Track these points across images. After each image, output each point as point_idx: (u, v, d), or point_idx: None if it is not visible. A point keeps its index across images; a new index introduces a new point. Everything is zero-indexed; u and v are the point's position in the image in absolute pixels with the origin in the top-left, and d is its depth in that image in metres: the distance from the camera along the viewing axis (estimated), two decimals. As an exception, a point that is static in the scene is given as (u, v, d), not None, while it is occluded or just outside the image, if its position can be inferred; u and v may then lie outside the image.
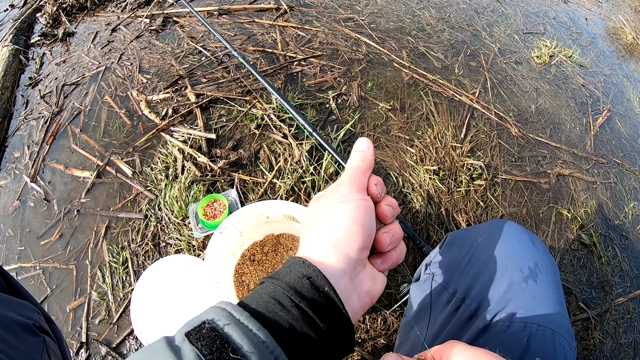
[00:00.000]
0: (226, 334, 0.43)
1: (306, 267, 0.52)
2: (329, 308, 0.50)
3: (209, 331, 0.44)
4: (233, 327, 0.44)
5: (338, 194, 0.59)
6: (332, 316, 0.50)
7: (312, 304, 0.49)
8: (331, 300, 0.50)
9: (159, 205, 1.89)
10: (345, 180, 0.61)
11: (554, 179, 2.26)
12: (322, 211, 0.58)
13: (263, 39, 2.68)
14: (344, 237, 0.54)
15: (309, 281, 0.50)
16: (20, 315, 0.80)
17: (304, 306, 0.48)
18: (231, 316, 0.45)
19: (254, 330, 0.44)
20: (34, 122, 2.29)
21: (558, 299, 0.84)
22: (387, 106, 2.36)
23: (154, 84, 2.39)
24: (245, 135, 2.15)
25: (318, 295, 0.49)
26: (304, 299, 0.48)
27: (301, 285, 0.50)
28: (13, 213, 1.95)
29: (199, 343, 0.43)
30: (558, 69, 2.98)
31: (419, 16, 3.07)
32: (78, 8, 3.06)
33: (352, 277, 0.56)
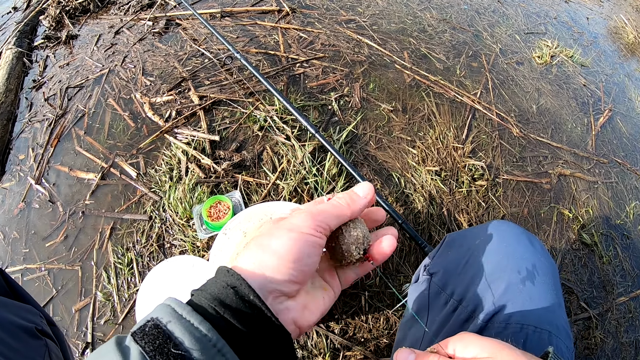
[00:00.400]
0: (169, 330, 0.44)
1: (230, 275, 0.51)
2: (256, 318, 0.49)
3: (151, 328, 0.45)
4: (175, 323, 0.44)
5: (291, 221, 0.57)
6: (261, 326, 0.49)
7: (237, 314, 0.48)
8: (258, 309, 0.49)
9: (163, 206, 1.91)
10: (310, 211, 0.59)
11: (555, 179, 2.27)
12: (269, 231, 0.57)
13: (265, 41, 2.69)
14: (270, 266, 0.53)
15: (234, 290, 0.49)
16: (22, 319, 0.81)
17: (228, 317, 0.47)
18: (174, 312, 0.46)
19: (195, 324, 0.45)
20: (38, 125, 2.31)
21: (556, 300, 0.83)
22: (389, 107, 2.37)
23: (158, 86, 2.40)
24: (248, 136, 2.17)
25: (243, 305, 0.49)
26: (228, 308, 0.48)
27: (225, 294, 0.49)
28: (18, 215, 1.97)
29: (142, 341, 0.44)
30: (559, 68, 2.99)
31: (420, 17, 3.08)
32: (81, 11, 3.07)
33: (274, 304, 0.54)
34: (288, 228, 0.56)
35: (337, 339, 1.58)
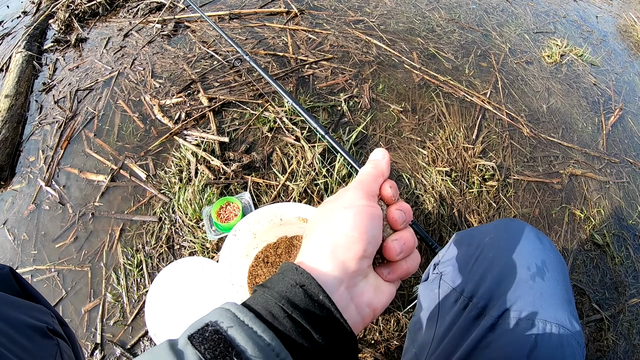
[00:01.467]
0: (230, 337, 0.42)
1: (299, 274, 0.49)
2: (325, 319, 0.47)
3: (212, 334, 0.43)
4: (237, 330, 0.43)
5: (342, 199, 0.57)
6: (330, 327, 0.47)
7: (306, 315, 0.46)
8: (327, 309, 0.47)
9: (172, 208, 1.91)
10: (353, 186, 0.59)
11: (566, 179, 2.25)
12: (324, 216, 0.56)
13: (274, 43, 2.70)
14: (341, 245, 0.52)
15: (302, 289, 0.48)
16: (34, 319, 0.81)
17: (297, 317, 0.45)
18: (235, 318, 0.44)
19: (258, 332, 0.43)
20: (48, 127, 2.32)
21: (566, 296, 0.83)
22: (399, 108, 2.36)
23: (167, 89, 2.41)
24: (257, 138, 2.17)
25: (312, 305, 0.47)
26: (296, 308, 0.46)
27: (294, 293, 0.47)
28: (28, 216, 1.98)
29: (202, 346, 0.42)
30: (569, 68, 2.97)
31: (428, 17, 3.07)
32: (90, 14, 3.09)
33: (350, 287, 0.52)
34: (343, 206, 0.55)
35: (347, 341, 1.57)
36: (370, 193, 0.58)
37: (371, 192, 0.58)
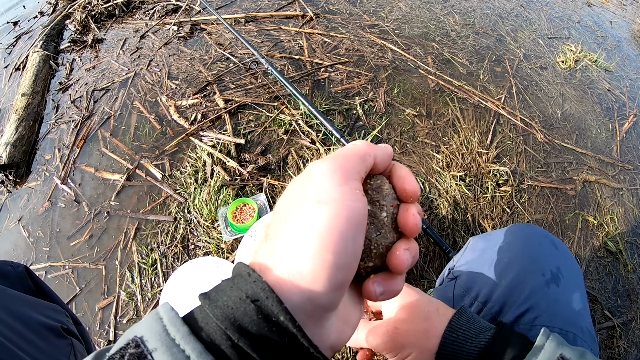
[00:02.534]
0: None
1: (252, 282, 0.36)
2: (286, 347, 0.35)
3: (133, 357, 0.33)
4: (164, 354, 0.33)
5: (315, 182, 0.39)
6: (292, 357, 0.36)
7: (258, 343, 0.34)
8: (290, 335, 0.35)
9: (188, 208, 1.92)
10: (330, 160, 0.41)
11: (580, 186, 2.24)
12: (289, 213, 0.39)
13: (290, 46, 2.71)
14: (307, 271, 0.36)
15: (255, 306, 0.35)
16: (48, 318, 0.82)
17: (244, 346, 0.34)
18: (165, 333, 0.35)
19: (192, 356, 0.33)
20: (64, 126, 2.34)
21: (581, 302, 0.83)
22: (414, 112, 2.36)
23: (183, 90, 2.43)
24: (273, 140, 2.18)
25: (268, 330, 0.34)
26: (244, 335, 0.34)
27: (243, 312, 0.35)
28: (43, 214, 2.00)
29: None
30: (583, 73, 2.96)
31: (443, 22, 3.07)
32: (106, 15, 3.12)
33: (314, 325, 0.38)
34: (316, 199, 0.38)
35: (360, 344, 1.57)
36: (355, 177, 0.41)
37: (357, 177, 0.41)
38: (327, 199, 0.37)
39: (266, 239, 0.40)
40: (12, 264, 0.89)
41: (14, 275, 0.88)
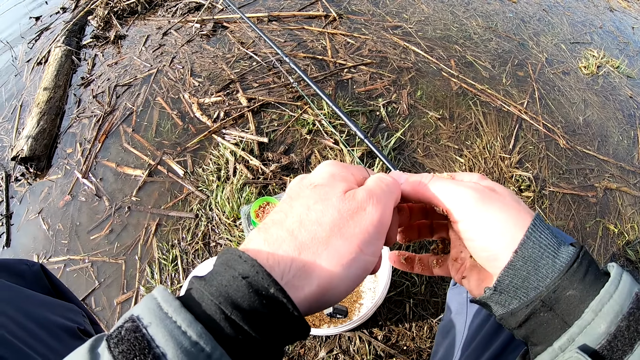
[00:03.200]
0: (149, 336, 0.35)
1: (243, 262, 0.39)
2: (276, 318, 0.38)
3: (129, 333, 0.36)
4: (158, 326, 0.35)
5: (362, 230, 0.44)
6: (282, 327, 0.39)
7: (250, 316, 0.37)
8: (280, 304, 0.38)
9: (210, 205, 1.92)
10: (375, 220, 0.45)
11: (601, 193, 2.21)
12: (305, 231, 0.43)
13: (313, 46, 2.71)
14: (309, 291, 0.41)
15: (246, 281, 0.38)
16: (64, 319, 0.80)
17: (237, 319, 0.37)
18: (159, 309, 0.37)
19: (183, 326, 0.35)
20: (86, 121, 2.35)
21: None
22: (437, 115, 2.35)
23: (206, 87, 2.43)
24: (296, 139, 2.17)
25: (259, 303, 0.38)
26: (237, 308, 0.37)
27: (236, 288, 0.38)
28: (64, 207, 2.00)
29: (117, 349, 0.35)
30: (605, 79, 2.92)
31: (465, 25, 3.05)
32: (129, 12, 3.14)
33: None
34: (358, 244, 0.43)
35: (379, 346, 1.56)
36: (385, 225, 0.46)
37: (386, 223, 0.46)
38: (366, 251, 0.43)
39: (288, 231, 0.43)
40: (28, 263, 0.88)
41: (30, 275, 0.86)
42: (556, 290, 0.45)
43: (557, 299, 0.45)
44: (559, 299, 0.45)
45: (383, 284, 1.44)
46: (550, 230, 0.48)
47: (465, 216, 0.49)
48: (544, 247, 0.46)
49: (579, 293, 0.44)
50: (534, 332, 0.47)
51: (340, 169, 0.49)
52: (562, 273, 0.45)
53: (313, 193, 0.46)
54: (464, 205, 0.49)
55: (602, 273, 0.46)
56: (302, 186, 0.48)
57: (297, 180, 0.50)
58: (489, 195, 0.49)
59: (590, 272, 0.45)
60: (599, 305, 0.43)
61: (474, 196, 0.49)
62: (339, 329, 1.42)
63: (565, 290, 0.45)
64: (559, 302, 0.45)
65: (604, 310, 0.42)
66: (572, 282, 0.45)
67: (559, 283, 0.45)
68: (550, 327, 0.46)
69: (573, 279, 0.45)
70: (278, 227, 0.44)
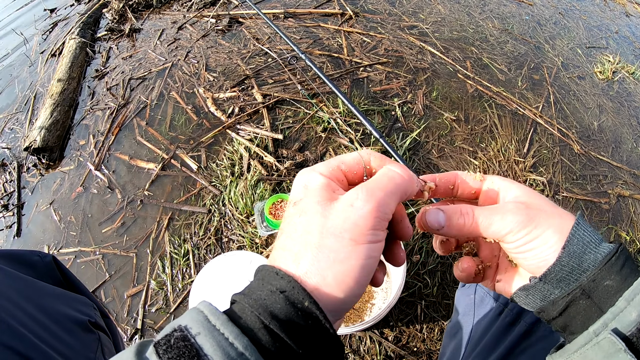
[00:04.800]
0: (198, 345, 0.38)
1: (280, 278, 0.43)
2: (310, 329, 0.41)
3: (178, 340, 0.39)
4: (206, 337, 0.39)
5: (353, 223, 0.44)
6: (315, 338, 0.42)
7: (287, 326, 0.40)
8: (314, 319, 0.41)
9: (223, 201, 1.91)
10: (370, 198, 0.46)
11: (614, 200, 2.19)
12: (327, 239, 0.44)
13: (329, 43, 2.70)
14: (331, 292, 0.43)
15: (283, 296, 0.41)
16: (76, 311, 0.80)
17: (275, 328, 0.40)
18: (206, 322, 0.40)
19: (230, 338, 0.38)
20: (99, 113, 2.35)
21: None
22: (452, 116, 2.33)
23: (221, 82, 2.42)
24: (311, 137, 2.16)
25: (295, 314, 0.41)
26: (275, 319, 0.40)
27: (273, 301, 0.41)
28: (75, 199, 2.01)
29: (166, 355, 0.38)
30: (620, 85, 2.90)
31: (482, 26, 3.03)
32: (144, 5, 3.14)
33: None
34: (351, 237, 0.44)
35: (390, 346, 1.56)
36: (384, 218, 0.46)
37: (386, 217, 0.47)
38: (360, 240, 0.44)
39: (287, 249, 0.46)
40: (40, 254, 0.87)
41: (42, 266, 0.86)
42: (595, 279, 0.48)
43: (595, 287, 0.48)
44: (597, 288, 0.48)
45: (397, 285, 1.43)
46: (591, 229, 0.51)
47: (516, 241, 0.51)
48: (587, 244, 0.49)
49: (615, 283, 0.48)
50: (573, 320, 0.51)
51: (315, 177, 0.49)
52: (602, 265, 0.48)
53: (294, 210, 0.48)
54: (515, 229, 0.51)
55: (638, 268, 0.50)
56: (287, 210, 0.50)
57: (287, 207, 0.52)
58: (531, 216, 0.51)
59: (627, 265, 0.49)
60: (631, 294, 0.46)
61: (520, 222, 0.51)
62: (351, 329, 1.41)
63: (603, 280, 0.48)
64: (597, 290, 0.48)
65: (636, 300, 0.46)
66: (609, 273, 0.48)
67: (597, 273, 0.48)
68: (587, 315, 0.49)
69: (611, 270, 0.48)
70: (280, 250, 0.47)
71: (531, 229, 0.51)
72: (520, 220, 0.51)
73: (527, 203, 0.53)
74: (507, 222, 0.51)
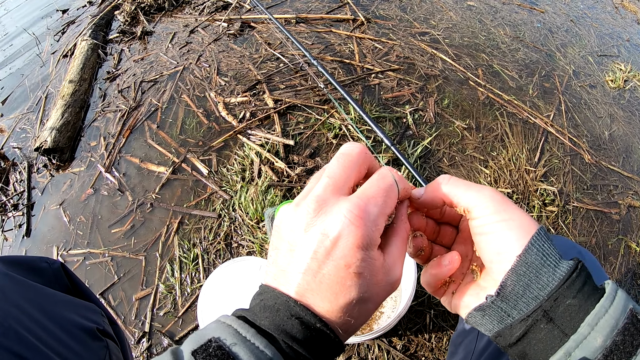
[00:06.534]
0: (234, 353, 0.42)
1: (293, 306, 0.46)
2: (322, 342, 0.46)
3: (215, 350, 0.43)
4: (240, 346, 0.43)
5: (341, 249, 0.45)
6: (328, 350, 0.47)
7: (304, 344, 0.45)
8: (325, 336, 0.46)
9: (233, 206, 1.91)
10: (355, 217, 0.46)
11: (624, 210, 2.18)
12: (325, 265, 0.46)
13: (340, 50, 2.70)
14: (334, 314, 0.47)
15: (299, 321, 0.45)
16: (84, 318, 0.80)
17: (297, 347, 0.45)
18: (237, 334, 0.44)
19: (260, 347, 0.43)
20: (110, 115, 2.36)
21: None
22: (463, 125, 2.32)
23: (232, 87, 2.43)
24: (322, 143, 2.16)
25: (310, 334, 0.46)
26: (295, 340, 0.45)
27: (291, 326, 0.45)
28: (85, 200, 2.01)
29: None
30: (632, 94, 2.88)
31: (493, 34, 3.03)
32: (156, 8, 3.15)
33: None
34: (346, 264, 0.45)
35: (398, 355, 1.55)
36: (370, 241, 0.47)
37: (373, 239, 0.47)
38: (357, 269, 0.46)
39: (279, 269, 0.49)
40: (48, 261, 0.87)
41: (50, 273, 0.86)
42: (557, 298, 0.47)
43: (557, 307, 0.47)
44: (559, 308, 0.47)
45: (407, 295, 1.43)
46: (552, 242, 0.50)
47: (483, 217, 0.51)
48: (546, 257, 0.48)
49: (577, 302, 0.46)
50: (532, 347, 0.49)
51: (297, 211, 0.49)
52: (562, 281, 0.47)
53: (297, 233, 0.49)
54: (486, 204, 0.51)
55: (599, 288, 0.49)
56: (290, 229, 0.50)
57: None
58: (507, 200, 0.52)
59: (588, 283, 0.47)
60: (595, 319, 0.45)
61: (496, 198, 0.51)
62: (360, 338, 1.41)
63: (565, 299, 0.46)
64: (558, 311, 0.47)
65: (600, 325, 0.45)
66: (571, 291, 0.47)
67: (558, 291, 0.47)
68: (548, 340, 0.48)
69: (572, 287, 0.47)
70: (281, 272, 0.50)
71: (501, 211, 0.50)
72: (495, 199, 0.51)
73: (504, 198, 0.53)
74: (482, 195, 0.52)
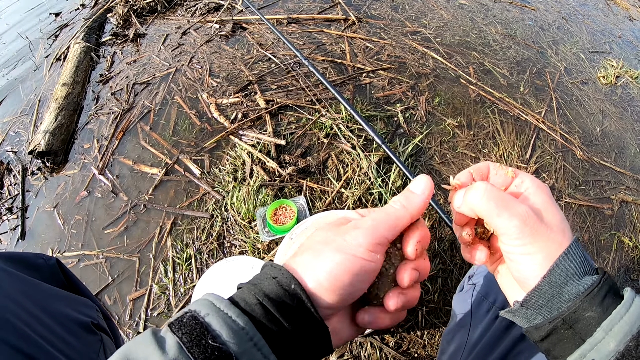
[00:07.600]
0: (206, 323, 0.45)
1: (273, 268, 0.52)
2: (295, 308, 0.49)
3: (189, 320, 0.46)
4: (213, 316, 0.46)
5: (344, 237, 0.53)
6: (300, 315, 0.49)
7: (276, 303, 0.48)
8: (298, 299, 0.49)
9: (225, 206, 1.92)
10: (364, 227, 0.53)
11: (617, 206, 2.19)
12: (317, 246, 0.54)
13: (332, 49, 2.71)
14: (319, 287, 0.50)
15: (275, 280, 0.50)
16: (79, 313, 0.82)
17: (267, 304, 0.48)
18: (212, 305, 0.47)
19: (233, 317, 0.46)
20: (104, 117, 2.36)
21: None
22: (454, 122, 2.33)
23: (224, 88, 2.44)
24: (313, 143, 2.17)
25: (284, 294, 0.49)
26: (267, 297, 0.49)
27: (268, 284, 0.50)
28: (79, 202, 2.02)
29: (180, 332, 0.45)
30: (624, 90, 2.89)
31: (485, 32, 3.04)
32: (148, 10, 3.15)
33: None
34: (336, 247, 0.52)
35: (390, 352, 1.56)
36: (377, 242, 0.52)
37: (380, 241, 0.53)
38: (347, 251, 0.51)
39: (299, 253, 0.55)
40: (44, 257, 0.89)
41: (46, 269, 0.88)
42: (576, 311, 0.51)
43: (577, 319, 0.51)
44: (579, 319, 0.51)
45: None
46: (580, 259, 0.53)
47: (513, 244, 0.54)
48: (570, 276, 0.52)
49: (597, 314, 0.50)
50: (555, 346, 0.54)
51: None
52: (583, 297, 0.51)
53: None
54: (515, 234, 0.53)
55: (620, 297, 0.52)
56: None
57: None
58: (537, 229, 0.53)
59: (608, 296, 0.51)
60: (609, 325, 0.49)
61: (524, 230, 0.53)
62: (352, 335, 1.42)
63: (585, 311, 0.50)
64: (578, 321, 0.51)
65: (614, 330, 0.48)
66: (591, 305, 0.50)
67: (579, 305, 0.51)
68: (568, 344, 0.52)
69: (592, 301, 0.50)
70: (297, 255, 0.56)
71: (527, 242, 0.53)
72: (522, 230, 0.52)
73: (540, 214, 0.55)
74: (511, 224, 0.53)
